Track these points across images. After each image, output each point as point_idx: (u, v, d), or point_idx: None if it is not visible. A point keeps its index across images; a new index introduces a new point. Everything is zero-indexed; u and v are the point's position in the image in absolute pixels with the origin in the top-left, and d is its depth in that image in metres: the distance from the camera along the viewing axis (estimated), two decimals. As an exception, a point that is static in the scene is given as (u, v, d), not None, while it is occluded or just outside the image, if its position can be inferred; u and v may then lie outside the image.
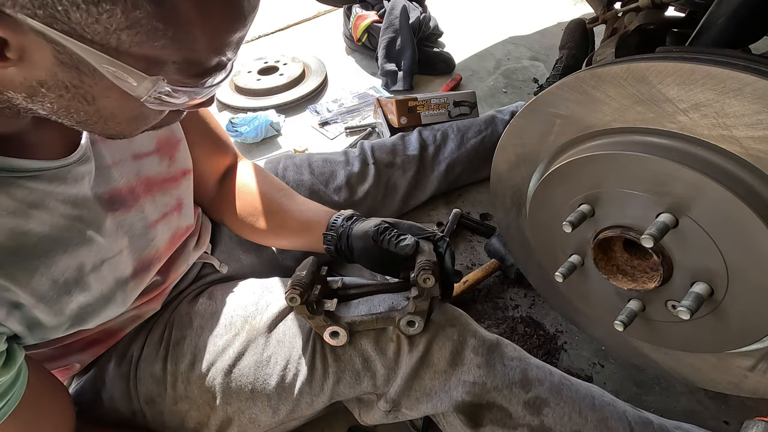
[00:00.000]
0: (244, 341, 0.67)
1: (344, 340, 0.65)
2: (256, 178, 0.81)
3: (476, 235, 1.19)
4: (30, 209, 0.45)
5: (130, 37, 0.34)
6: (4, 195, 0.43)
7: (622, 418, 0.68)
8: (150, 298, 0.68)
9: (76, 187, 0.50)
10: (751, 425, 0.62)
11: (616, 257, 0.69)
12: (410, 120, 1.31)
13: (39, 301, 0.47)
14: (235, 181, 0.80)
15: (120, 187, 0.57)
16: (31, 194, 0.46)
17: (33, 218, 0.46)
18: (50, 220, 0.47)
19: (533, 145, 0.74)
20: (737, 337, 0.60)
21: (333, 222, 0.74)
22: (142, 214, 0.60)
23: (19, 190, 0.45)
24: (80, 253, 0.50)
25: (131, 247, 0.59)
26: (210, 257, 0.80)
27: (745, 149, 0.53)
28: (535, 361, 0.71)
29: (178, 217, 0.68)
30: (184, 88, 0.40)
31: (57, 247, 0.48)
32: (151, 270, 0.64)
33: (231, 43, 0.40)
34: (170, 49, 0.36)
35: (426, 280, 0.61)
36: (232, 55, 0.42)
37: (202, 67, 0.40)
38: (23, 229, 0.45)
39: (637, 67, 0.58)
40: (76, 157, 0.50)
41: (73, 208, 0.50)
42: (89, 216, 0.52)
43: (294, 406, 0.67)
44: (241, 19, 0.39)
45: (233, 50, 0.41)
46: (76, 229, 0.50)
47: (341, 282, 0.73)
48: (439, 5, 2.07)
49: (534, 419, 0.66)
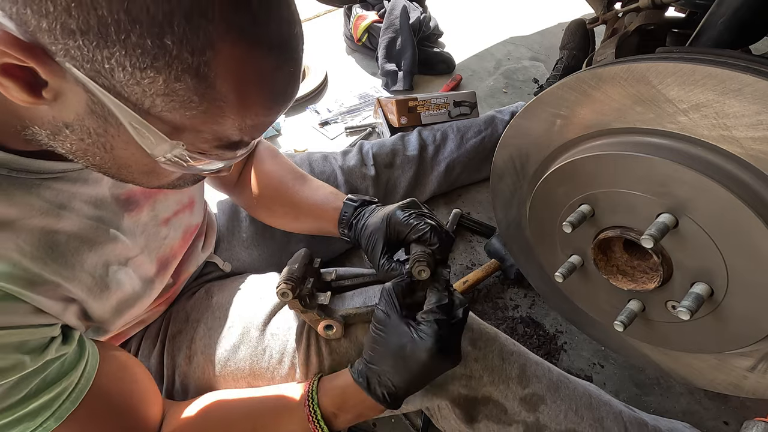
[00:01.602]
0: (239, 334, 0.67)
1: (339, 333, 0.65)
2: (271, 160, 0.81)
3: (476, 235, 1.19)
4: (59, 210, 0.46)
5: (164, 103, 0.35)
6: (35, 196, 0.44)
7: (617, 418, 0.68)
8: (160, 303, 0.69)
9: (96, 188, 0.51)
10: (751, 425, 0.62)
11: (616, 258, 0.69)
12: (410, 120, 1.31)
13: (88, 295, 0.49)
14: (251, 165, 0.81)
15: (135, 187, 0.58)
16: (59, 195, 0.47)
17: (63, 218, 0.47)
18: (78, 220, 0.48)
19: (533, 145, 0.74)
20: (737, 338, 0.60)
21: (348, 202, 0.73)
22: (153, 212, 0.60)
23: (47, 191, 0.46)
24: (105, 251, 0.51)
25: (149, 246, 0.60)
26: (213, 256, 0.81)
27: (745, 150, 0.53)
28: (534, 357, 0.71)
29: (189, 214, 0.68)
30: (202, 156, 0.41)
31: (84, 246, 0.49)
32: (169, 269, 0.65)
33: (259, 126, 0.41)
34: (199, 120, 0.37)
35: (420, 272, 0.60)
36: (258, 136, 0.43)
37: (226, 142, 0.40)
38: (54, 228, 0.46)
39: (638, 68, 0.58)
40: None
41: (95, 209, 0.51)
42: (108, 216, 0.53)
43: None
44: (276, 108, 0.40)
45: (260, 132, 0.42)
46: (100, 229, 0.51)
47: (335, 273, 0.72)
48: (439, 5, 2.07)
49: (530, 416, 0.66)
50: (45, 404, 0.43)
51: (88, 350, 0.49)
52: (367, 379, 0.57)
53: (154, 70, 0.33)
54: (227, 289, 0.74)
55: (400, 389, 0.57)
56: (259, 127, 0.41)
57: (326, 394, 0.59)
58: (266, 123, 0.41)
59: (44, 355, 0.43)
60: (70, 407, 0.45)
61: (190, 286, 0.78)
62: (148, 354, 0.69)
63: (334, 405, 0.58)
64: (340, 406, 0.58)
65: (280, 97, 0.40)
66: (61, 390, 0.45)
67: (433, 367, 0.56)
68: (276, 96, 0.39)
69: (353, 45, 1.89)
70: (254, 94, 0.37)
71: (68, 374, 0.46)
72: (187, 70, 0.33)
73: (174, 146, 0.38)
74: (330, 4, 1.99)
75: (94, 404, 0.48)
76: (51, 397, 0.44)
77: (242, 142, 0.42)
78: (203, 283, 0.79)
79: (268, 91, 0.38)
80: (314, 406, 0.57)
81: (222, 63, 0.34)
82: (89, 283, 0.49)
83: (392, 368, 0.56)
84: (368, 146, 1.13)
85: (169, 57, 0.32)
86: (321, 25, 2.16)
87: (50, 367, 0.45)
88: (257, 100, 0.38)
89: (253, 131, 0.41)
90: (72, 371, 0.47)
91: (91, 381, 0.48)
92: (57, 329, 0.46)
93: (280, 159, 0.82)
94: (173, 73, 0.33)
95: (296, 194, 0.77)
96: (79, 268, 0.48)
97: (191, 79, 0.34)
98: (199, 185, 0.72)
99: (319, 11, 2.21)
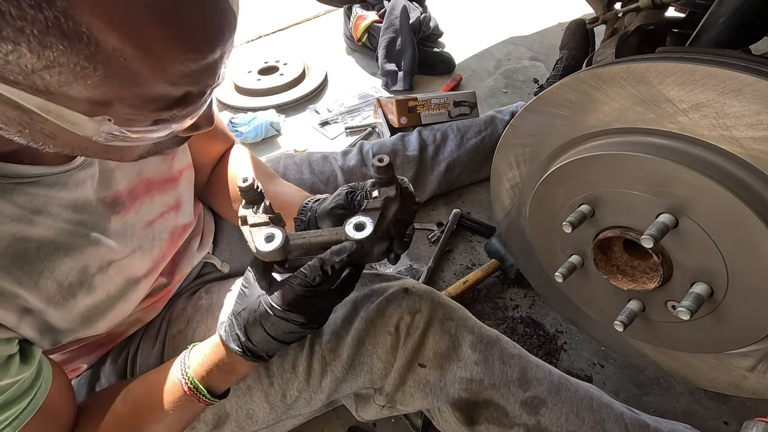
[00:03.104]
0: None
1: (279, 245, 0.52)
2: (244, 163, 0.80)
3: (476, 235, 1.19)
4: (33, 215, 0.45)
5: (54, 77, 0.30)
6: (5, 201, 0.43)
7: (619, 420, 0.68)
8: (155, 301, 0.68)
9: (77, 191, 0.50)
10: (751, 425, 0.62)
11: (616, 257, 0.69)
12: (410, 120, 1.31)
13: (48, 305, 0.47)
14: (227, 166, 0.80)
15: (121, 190, 0.57)
16: (34, 200, 0.45)
17: (36, 224, 0.45)
18: (54, 225, 0.47)
19: (533, 145, 0.74)
20: (737, 338, 0.60)
21: (304, 207, 0.69)
22: (138, 215, 0.60)
23: (21, 196, 0.44)
24: (84, 256, 0.50)
25: (143, 246, 0.59)
26: (212, 257, 0.80)
27: (745, 149, 0.53)
28: (535, 359, 0.71)
29: (175, 215, 0.68)
30: (144, 125, 0.36)
31: (59, 251, 0.48)
32: (158, 269, 0.64)
33: (197, 72, 0.35)
34: (109, 87, 0.32)
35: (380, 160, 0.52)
36: (208, 83, 0.37)
37: (163, 101, 0.35)
38: (25, 234, 0.44)
39: (638, 68, 0.58)
40: (77, 163, 0.50)
41: (74, 213, 0.50)
42: (92, 220, 0.52)
43: (292, 402, 0.67)
44: (202, 45, 0.33)
45: (205, 78, 0.36)
46: (79, 234, 0.50)
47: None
48: (439, 5, 2.07)
49: (530, 419, 0.65)
50: None
51: (43, 374, 0.48)
52: (227, 332, 0.54)
53: (10, 41, 0.28)
54: (227, 290, 0.73)
55: (257, 343, 0.53)
56: (195, 73, 0.34)
57: (197, 355, 0.57)
58: (203, 66, 0.34)
59: (0, 377, 0.42)
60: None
61: (189, 286, 0.77)
62: (148, 354, 0.68)
63: (203, 365, 0.56)
64: (206, 364, 0.56)
65: (199, 27, 0.33)
66: (7, 416, 0.43)
67: (280, 323, 0.51)
68: (191, 28, 0.32)
69: (353, 45, 1.89)
70: (156, 36, 0.31)
71: (18, 400, 0.44)
72: (46, 31, 0.28)
73: (100, 122, 0.34)
74: (330, 4, 1.99)
75: (35, 424, 0.47)
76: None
77: (188, 95, 0.36)
78: (202, 284, 0.78)
79: (175, 25, 0.31)
80: (186, 369, 0.56)
81: (86, 8, 0.28)
82: (52, 291, 0.47)
83: (246, 321, 0.53)
84: (368, 146, 1.12)
85: (12, 20, 0.27)
86: (321, 25, 2.16)
87: (4, 392, 0.43)
88: (166, 42, 0.31)
89: (189, 80, 0.35)
90: (23, 397, 0.45)
91: (38, 406, 0.47)
92: (14, 346, 0.44)
93: (251, 159, 0.81)
94: (34, 40, 0.28)
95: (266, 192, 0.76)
96: (47, 275, 0.46)
97: (60, 41, 0.28)
98: (188, 184, 0.71)
99: (319, 11, 2.21)
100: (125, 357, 0.69)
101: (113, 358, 0.69)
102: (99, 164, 0.54)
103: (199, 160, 0.76)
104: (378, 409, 0.69)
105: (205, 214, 0.82)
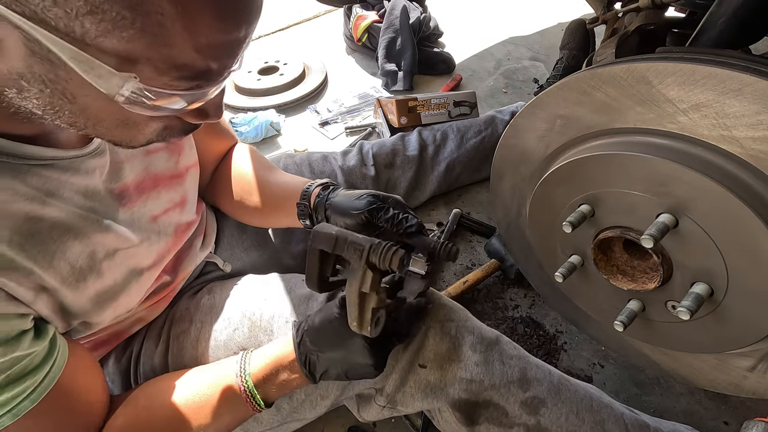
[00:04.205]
0: (245, 337, 0.67)
1: None
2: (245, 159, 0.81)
3: (476, 235, 1.19)
4: (46, 197, 0.46)
5: (94, 25, 0.31)
6: (20, 182, 0.44)
7: (619, 420, 0.68)
8: (158, 300, 0.69)
9: (87, 179, 0.51)
10: (751, 425, 0.62)
11: (616, 257, 0.69)
12: (410, 120, 1.31)
13: (62, 285, 0.48)
14: (230, 164, 0.80)
15: (129, 182, 0.58)
16: (47, 183, 0.46)
17: (49, 205, 0.46)
18: (65, 208, 0.48)
19: (533, 145, 0.74)
20: (737, 338, 0.60)
21: (306, 191, 0.69)
22: (144, 209, 0.60)
23: (35, 178, 0.45)
24: (92, 242, 0.51)
25: (150, 239, 0.60)
26: (213, 256, 0.81)
27: (746, 149, 0.53)
28: (534, 360, 0.71)
29: (180, 212, 0.68)
30: (163, 91, 0.37)
31: (69, 234, 0.48)
32: (162, 263, 0.64)
33: (221, 47, 0.36)
34: (141, 43, 0.33)
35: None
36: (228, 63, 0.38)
37: (185, 71, 0.36)
38: (38, 214, 0.45)
39: (638, 68, 0.58)
40: (89, 149, 0.51)
41: (86, 199, 0.51)
42: (101, 208, 0.53)
43: (298, 406, 0.67)
44: (232, 19, 0.35)
45: (227, 56, 0.38)
46: (90, 219, 0.51)
47: None
48: (439, 5, 2.07)
49: (530, 419, 0.65)
50: (3, 402, 0.42)
51: (58, 349, 0.48)
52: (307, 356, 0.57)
53: None
54: (230, 290, 0.74)
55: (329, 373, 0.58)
56: (220, 47, 0.36)
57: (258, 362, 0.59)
58: (228, 42, 0.36)
59: (13, 349, 0.42)
60: (29, 405, 0.45)
61: (191, 285, 0.78)
62: (151, 353, 0.68)
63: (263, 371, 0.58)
64: (266, 373, 0.58)
65: (234, 4, 0.35)
66: (23, 388, 0.44)
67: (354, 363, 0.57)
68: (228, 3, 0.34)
69: (353, 45, 1.89)
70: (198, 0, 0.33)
71: (33, 372, 0.45)
72: None
73: (125, 79, 0.35)
74: (330, 4, 2.00)
75: (53, 402, 0.47)
76: (12, 395, 0.43)
77: (207, 71, 0.37)
78: (204, 283, 0.79)
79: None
80: (246, 377, 0.57)
81: None
82: (66, 272, 0.48)
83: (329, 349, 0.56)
84: (368, 146, 1.13)
85: None
86: (321, 25, 2.16)
87: (18, 364, 0.43)
88: (203, 7, 0.33)
89: (213, 53, 0.36)
90: (37, 370, 0.45)
91: (54, 381, 0.47)
92: (28, 322, 0.45)
93: (251, 153, 0.82)
94: None
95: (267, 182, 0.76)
96: (59, 256, 0.47)
97: None
98: (193, 182, 0.71)
99: (319, 11, 2.21)
100: (129, 356, 0.69)
101: (116, 358, 0.69)
102: (110, 155, 0.55)
103: (203, 156, 0.77)
104: (379, 409, 0.69)
105: (208, 214, 0.82)
